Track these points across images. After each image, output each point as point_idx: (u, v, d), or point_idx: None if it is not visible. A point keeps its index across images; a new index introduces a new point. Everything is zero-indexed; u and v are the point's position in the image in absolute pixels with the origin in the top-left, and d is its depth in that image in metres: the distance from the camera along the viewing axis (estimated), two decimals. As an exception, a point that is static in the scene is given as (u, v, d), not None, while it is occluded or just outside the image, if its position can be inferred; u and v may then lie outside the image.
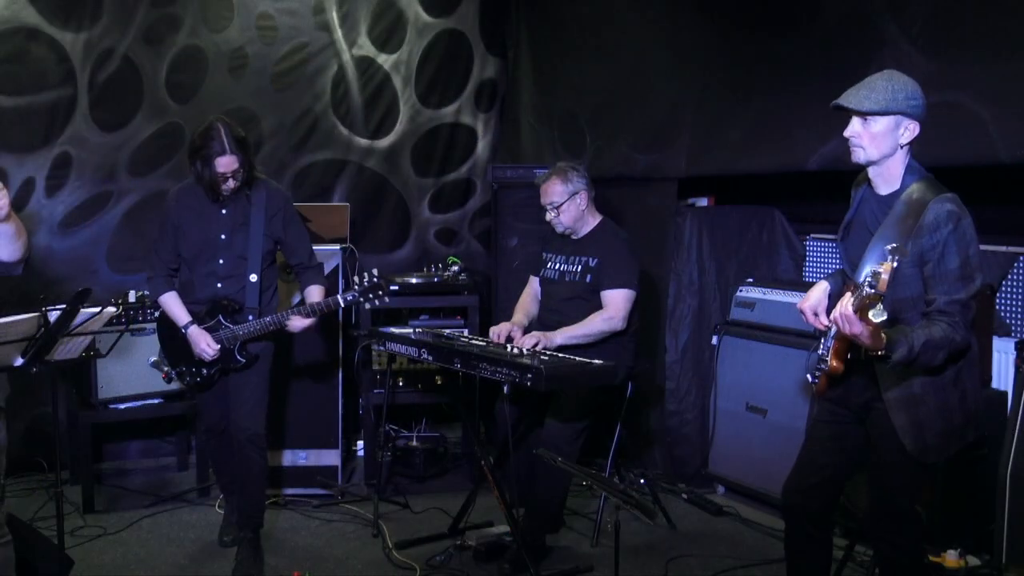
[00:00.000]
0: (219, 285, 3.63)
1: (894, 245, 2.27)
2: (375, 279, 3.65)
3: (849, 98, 2.52)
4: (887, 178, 2.57)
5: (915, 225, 2.45)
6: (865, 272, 2.27)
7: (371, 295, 3.65)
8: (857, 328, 2.30)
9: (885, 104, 2.47)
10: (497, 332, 3.84)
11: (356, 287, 3.66)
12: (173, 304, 3.64)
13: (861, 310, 2.27)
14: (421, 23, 5.56)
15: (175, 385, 4.29)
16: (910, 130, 2.50)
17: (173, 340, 3.70)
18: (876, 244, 2.50)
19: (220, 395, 3.76)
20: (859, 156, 2.56)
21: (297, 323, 3.64)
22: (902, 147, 2.52)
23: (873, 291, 2.23)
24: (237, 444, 3.67)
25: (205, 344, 3.58)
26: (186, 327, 3.61)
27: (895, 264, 2.22)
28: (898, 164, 2.55)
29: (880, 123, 2.49)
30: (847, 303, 2.33)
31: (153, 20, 4.84)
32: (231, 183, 3.50)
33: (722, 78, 4.29)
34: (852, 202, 2.72)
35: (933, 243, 2.43)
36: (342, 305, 3.69)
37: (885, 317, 2.22)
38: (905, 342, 2.35)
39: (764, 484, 4.12)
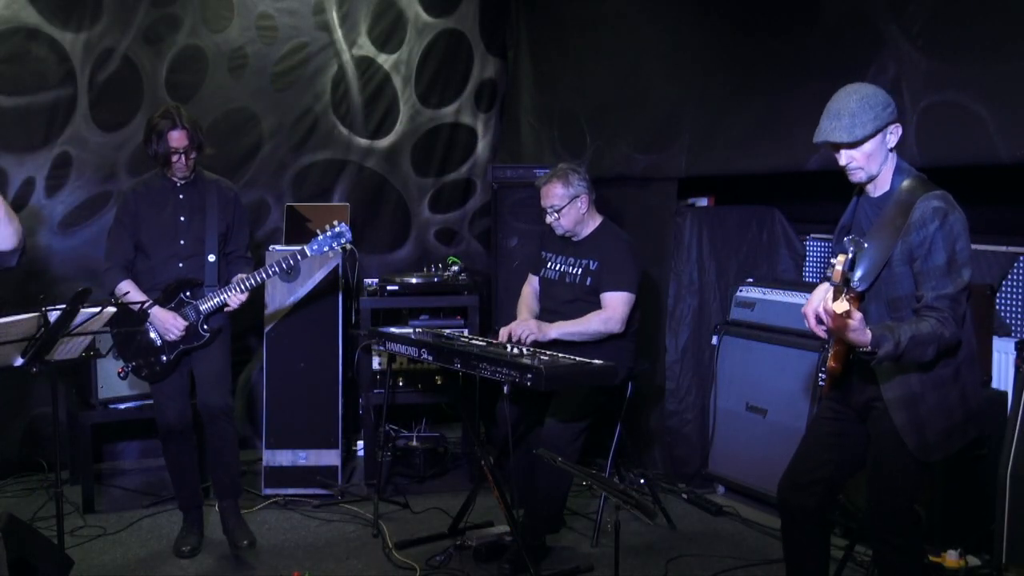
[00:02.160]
0: (181, 265, 3.72)
1: (851, 237, 2.33)
2: (337, 225, 3.70)
3: (838, 133, 2.51)
4: (878, 182, 2.62)
5: (904, 224, 2.47)
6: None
7: (334, 243, 3.71)
8: (837, 322, 2.32)
9: (874, 126, 2.50)
10: (507, 331, 3.82)
11: (319, 236, 3.71)
12: (130, 290, 3.67)
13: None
14: (421, 23, 5.56)
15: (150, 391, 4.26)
16: (895, 134, 2.55)
17: (129, 330, 3.69)
18: (869, 245, 2.52)
19: (179, 389, 3.77)
20: (860, 177, 2.59)
21: (234, 299, 3.66)
22: (891, 150, 2.57)
23: (830, 282, 2.31)
24: (209, 418, 3.77)
25: (172, 321, 3.61)
26: (147, 308, 3.62)
27: (850, 255, 2.28)
28: (887, 168, 2.59)
29: (870, 141, 2.52)
30: (829, 300, 2.34)
31: (153, 20, 4.84)
32: (182, 160, 3.62)
33: (722, 78, 4.29)
34: (849, 206, 2.75)
35: (921, 240, 2.45)
36: (308, 255, 3.72)
37: (847, 308, 2.24)
38: (891, 338, 2.36)
39: (764, 484, 4.11)
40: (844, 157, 2.55)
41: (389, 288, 4.82)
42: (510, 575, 3.56)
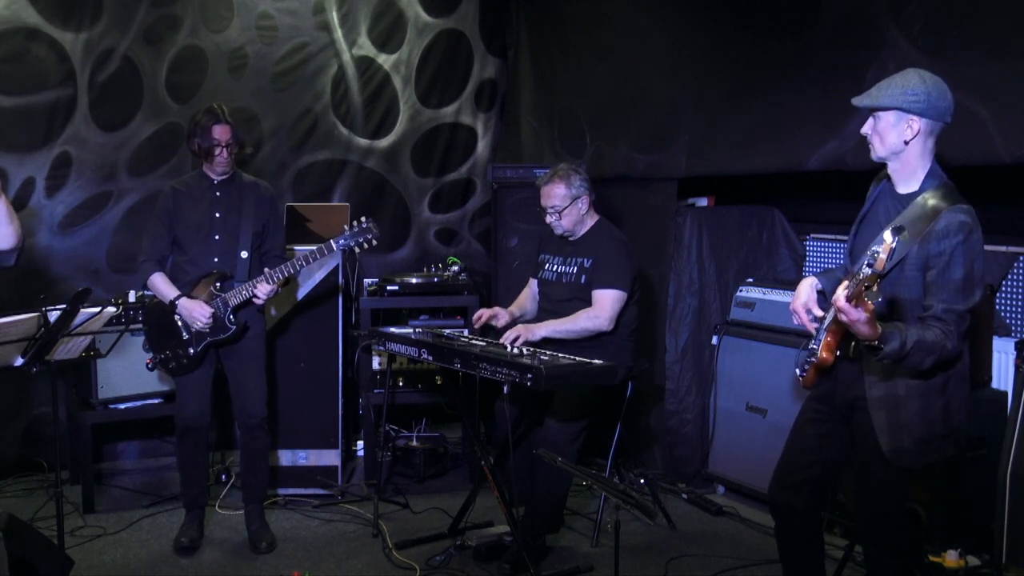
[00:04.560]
0: (216, 259, 3.79)
1: (899, 225, 2.27)
2: (364, 223, 3.78)
3: (860, 95, 2.57)
4: (905, 177, 2.58)
5: (925, 229, 2.44)
6: (867, 253, 2.23)
7: (361, 238, 3.77)
8: (853, 315, 2.25)
9: (876, 99, 2.51)
10: (479, 313, 3.89)
11: (347, 231, 3.77)
12: (161, 282, 3.77)
13: (857, 296, 2.22)
14: (421, 23, 5.56)
15: (175, 385, 4.29)
16: (911, 127, 2.50)
17: (160, 322, 3.78)
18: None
19: (202, 386, 3.83)
20: (872, 152, 2.61)
21: (263, 289, 3.72)
22: (907, 143, 2.51)
23: (871, 271, 2.19)
24: (245, 428, 3.93)
25: (199, 310, 3.68)
26: (176, 300, 3.72)
27: (894, 244, 2.18)
28: (916, 163, 2.55)
29: (883, 119, 2.53)
30: (842, 290, 2.30)
31: (153, 20, 4.84)
32: (224, 154, 3.73)
33: (722, 78, 4.29)
34: (869, 197, 2.71)
35: (940, 250, 2.42)
36: (335, 249, 3.78)
37: (880, 299, 2.21)
38: (899, 336, 2.33)
39: (764, 484, 4.05)
40: (865, 125, 2.59)
41: (389, 288, 4.82)
42: (510, 575, 3.56)
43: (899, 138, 2.51)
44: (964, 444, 2.62)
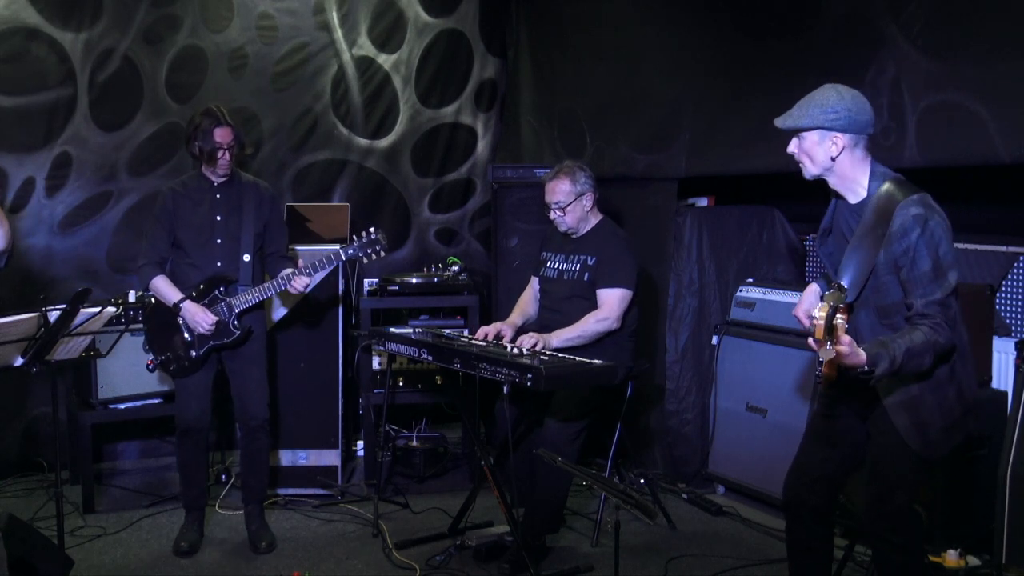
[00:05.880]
0: (219, 264, 3.78)
1: (831, 291, 2.29)
2: (372, 235, 3.78)
3: (780, 116, 2.59)
4: (850, 187, 2.60)
5: (885, 232, 2.46)
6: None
7: (369, 250, 3.78)
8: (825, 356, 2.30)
9: (796, 121, 2.54)
10: (484, 332, 3.84)
11: (355, 242, 3.79)
12: (164, 285, 3.74)
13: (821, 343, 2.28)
14: (421, 23, 5.56)
15: (175, 386, 4.29)
16: (836, 144, 2.52)
17: (161, 324, 3.77)
18: (852, 253, 2.53)
19: (203, 388, 3.82)
20: (804, 171, 2.63)
21: (299, 282, 3.72)
22: (834, 159, 2.54)
23: (814, 342, 2.26)
24: (247, 429, 3.92)
25: (202, 315, 3.67)
26: (180, 303, 3.69)
27: (831, 306, 2.23)
28: (852, 174, 2.57)
29: (807, 139, 2.56)
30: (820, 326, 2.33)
31: (153, 20, 4.84)
32: (227, 156, 3.71)
33: (722, 78, 4.29)
34: (828, 209, 2.74)
35: (903, 249, 2.44)
36: (343, 259, 3.79)
37: (832, 355, 2.25)
38: (886, 355, 2.35)
39: (764, 484, 4.12)
40: (790, 145, 2.61)
41: (389, 288, 4.83)
42: (510, 575, 3.56)
43: (826, 155, 2.54)
44: (983, 418, 2.63)
